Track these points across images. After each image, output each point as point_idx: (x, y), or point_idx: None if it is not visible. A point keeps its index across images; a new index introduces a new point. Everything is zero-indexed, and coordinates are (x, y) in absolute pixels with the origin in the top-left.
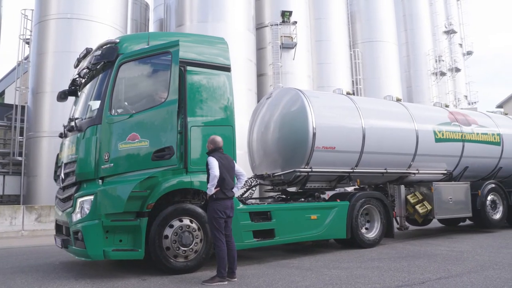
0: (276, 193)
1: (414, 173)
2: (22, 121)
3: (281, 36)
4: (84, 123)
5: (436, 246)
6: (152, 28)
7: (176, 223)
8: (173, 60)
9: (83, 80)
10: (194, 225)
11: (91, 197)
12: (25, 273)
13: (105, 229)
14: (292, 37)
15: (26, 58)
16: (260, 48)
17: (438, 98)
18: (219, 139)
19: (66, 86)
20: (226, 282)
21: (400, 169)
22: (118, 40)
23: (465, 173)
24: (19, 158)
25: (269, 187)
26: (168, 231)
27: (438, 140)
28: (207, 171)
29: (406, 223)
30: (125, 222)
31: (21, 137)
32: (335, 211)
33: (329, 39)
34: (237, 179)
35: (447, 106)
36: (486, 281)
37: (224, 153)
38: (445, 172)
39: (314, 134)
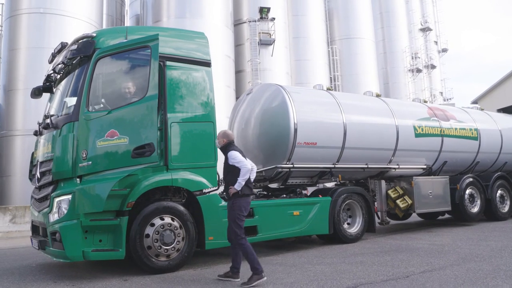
0: (257, 190)
1: (394, 168)
2: None
3: (259, 33)
4: (60, 120)
5: (417, 240)
6: (128, 24)
7: (157, 222)
8: (152, 54)
9: (58, 76)
10: (175, 223)
11: (69, 197)
12: (0, 276)
13: (84, 229)
14: (270, 34)
15: None
16: (238, 45)
17: (414, 94)
18: (230, 132)
19: (40, 83)
20: (265, 278)
21: (381, 164)
22: (94, 34)
23: (444, 167)
24: None
25: (258, 184)
26: (149, 230)
27: (418, 135)
28: (226, 165)
29: (387, 218)
30: (104, 221)
31: None
32: (317, 207)
33: (307, 35)
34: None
35: (425, 101)
36: (468, 273)
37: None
38: (425, 166)
39: (295, 130)
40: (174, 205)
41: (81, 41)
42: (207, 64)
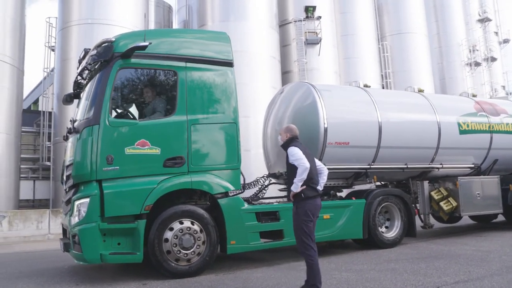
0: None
1: (438, 168)
2: (50, 127)
3: (305, 32)
4: (81, 124)
5: (461, 245)
6: None
7: (176, 226)
8: (179, 80)
9: (84, 82)
10: (195, 227)
11: (88, 200)
12: (29, 277)
13: (102, 232)
14: (316, 33)
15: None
16: (284, 45)
17: (473, 89)
18: (293, 126)
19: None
20: None
21: (422, 163)
22: (113, 39)
23: (495, 166)
24: (48, 163)
25: (284, 187)
26: (168, 234)
27: (463, 132)
28: (287, 164)
29: (430, 222)
30: (122, 224)
31: (49, 143)
32: (349, 210)
33: (356, 33)
34: (318, 174)
35: (474, 96)
36: (509, 285)
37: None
38: (472, 166)
39: (325, 129)
40: (194, 208)
41: (100, 46)
42: (229, 64)
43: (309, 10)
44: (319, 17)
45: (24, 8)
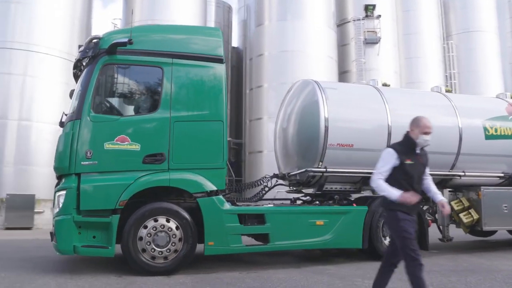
0: (301, 195)
1: (459, 176)
2: None
3: (364, 31)
4: (67, 119)
5: (507, 260)
6: (236, 29)
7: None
8: (164, 75)
9: None
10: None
11: (65, 192)
12: (20, 265)
13: (77, 224)
14: (376, 32)
15: None
16: (343, 45)
17: None
18: (421, 118)
19: None
20: None
21: (440, 170)
22: (101, 36)
23: None
24: None
25: (293, 188)
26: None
27: (489, 137)
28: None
29: (449, 235)
30: (96, 218)
31: None
32: (348, 217)
33: (418, 31)
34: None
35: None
36: None
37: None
38: (502, 175)
39: (326, 130)
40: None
41: (89, 42)
42: (219, 60)
43: (369, 9)
44: (379, 16)
45: (91, 10)
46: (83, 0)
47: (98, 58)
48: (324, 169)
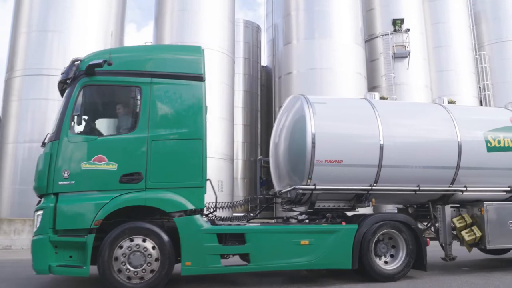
0: (297, 213)
1: (461, 191)
2: None
3: (393, 46)
4: (47, 139)
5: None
6: (264, 48)
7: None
8: (143, 95)
9: None
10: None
11: (42, 212)
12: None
13: (53, 244)
14: (405, 46)
15: None
16: (372, 60)
17: None
18: None
19: None
20: None
21: (439, 185)
22: (81, 58)
23: None
24: None
25: (286, 207)
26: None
27: (492, 149)
28: None
29: (452, 253)
30: (71, 238)
31: None
32: (336, 236)
33: (449, 44)
34: None
35: None
36: None
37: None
38: (508, 189)
39: (313, 146)
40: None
41: (70, 65)
42: (198, 78)
43: (397, 23)
44: (408, 30)
45: (123, 36)
46: (115, 28)
47: (78, 80)
48: (313, 187)
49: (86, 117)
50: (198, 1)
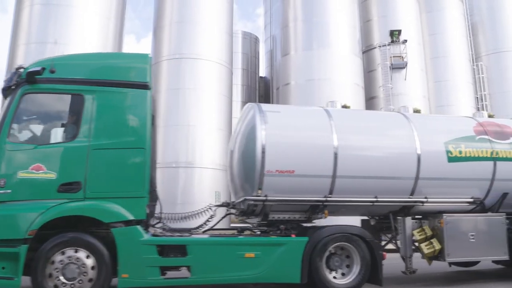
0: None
1: (422, 202)
2: None
3: (391, 57)
4: None
5: None
6: (262, 59)
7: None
8: (84, 104)
9: None
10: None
11: None
12: None
13: None
14: (402, 57)
15: None
16: (370, 71)
17: None
18: None
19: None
20: None
21: (398, 196)
22: (25, 66)
23: (507, 201)
24: None
25: (239, 218)
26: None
27: (453, 159)
28: None
29: (412, 267)
30: (4, 248)
31: None
32: (284, 249)
33: (446, 55)
34: None
35: (491, 116)
36: None
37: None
38: (471, 200)
39: (263, 156)
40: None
41: (14, 72)
42: (143, 86)
43: (394, 34)
44: (405, 41)
45: (121, 46)
46: (114, 42)
47: (19, 87)
48: (265, 197)
49: (26, 125)
50: (196, 13)
